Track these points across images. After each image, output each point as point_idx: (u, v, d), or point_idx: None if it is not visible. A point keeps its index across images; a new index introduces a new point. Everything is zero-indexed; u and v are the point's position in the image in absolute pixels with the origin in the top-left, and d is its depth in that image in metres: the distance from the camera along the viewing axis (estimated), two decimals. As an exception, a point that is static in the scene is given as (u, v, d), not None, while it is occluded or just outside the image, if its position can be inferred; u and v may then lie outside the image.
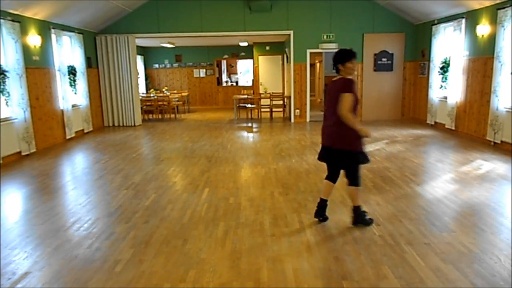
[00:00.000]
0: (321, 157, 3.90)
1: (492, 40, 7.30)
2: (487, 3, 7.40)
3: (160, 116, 12.99)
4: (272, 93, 12.11)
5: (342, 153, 3.64)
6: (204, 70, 16.67)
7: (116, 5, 9.75)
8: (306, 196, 4.75)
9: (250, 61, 16.92)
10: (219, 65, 17.87)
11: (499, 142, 7.11)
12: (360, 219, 3.81)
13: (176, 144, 8.39)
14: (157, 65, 16.57)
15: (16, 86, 7.06)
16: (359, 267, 3.05)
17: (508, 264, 3.02)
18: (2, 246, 3.56)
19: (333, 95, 3.61)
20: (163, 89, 14.09)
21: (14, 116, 7.09)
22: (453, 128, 8.80)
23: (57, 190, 5.35)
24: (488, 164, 6.00)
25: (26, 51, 7.47)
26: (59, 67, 8.77)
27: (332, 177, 3.87)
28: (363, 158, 3.70)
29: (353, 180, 3.72)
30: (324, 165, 3.97)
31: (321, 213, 3.94)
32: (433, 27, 9.46)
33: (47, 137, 8.24)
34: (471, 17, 8.06)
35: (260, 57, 15.25)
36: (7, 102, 6.99)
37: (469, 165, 6.02)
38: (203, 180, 5.55)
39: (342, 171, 3.83)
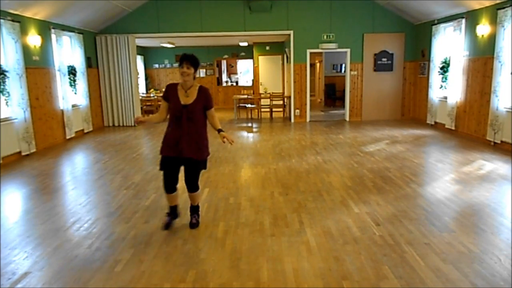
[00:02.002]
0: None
1: (492, 40, 7.30)
2: (487, 3, 7.40)
3: (160, 116, 12.96)
4: (272, 93, 12.11)
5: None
6: (204, 70, 16.67)
7: (116, 5, 9.75)
8: (306, 196, 4.75)
9: (250, 61, 16.91)
10: (219, 65, 17.86)
11: (499, 142, 7.11)
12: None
13: (176, 144, 8.38)
14: (157, 65, 16.57)
15: (16, 86, 7.06)
16: (359, 267, 3.05)
17: (508, 264, 3.02)
18: (2, 246, 3.56)
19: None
20: (163, 89, 14.06)
21: (14, 116, 7.09)
22: (453, 128, 8.80)
23: (57, 190, 5.35)
24: (488, 164, 6.00)
25: (26, 51, 7.47)
26: (59, 67, 8.77)
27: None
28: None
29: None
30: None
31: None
32: (433, 27, 9.46)
33: (47, 137, 8.24)
34: (471, 17, 8.06)
35: (260, 57, 15.26)
36: (7, 102, 6.99)
37: (469, 165, 6.02)
38: (203, 180, 5.54)
39: None
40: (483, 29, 7.59)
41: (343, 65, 14.16)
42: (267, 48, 15.11)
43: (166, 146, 3.70)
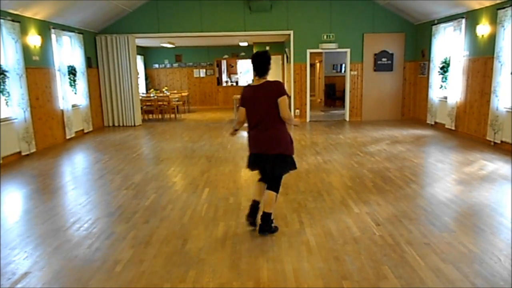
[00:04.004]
0: (253, 164, 3.71)
1: (492, 40, 7.30)
2: (487, 3, 7.40)
3: (160, 116, 12.99)
4: (272, 93, 12.08)
5: (284, 157, 3.58)
6: (204, 70, 16.67)
7: (116, 5, 9.75)
8: (306, 196, 4.75)
9: (250, 61, 16.89)
10: (219, 65, 17.87)
11: (499, 142, 7.11)
12: (269, 227, 3.66)
13: (176, 144, 8.39)
14: (157, 65, 16.57)
15: (16, 86, 7.06)
16: (359, 267, 3.04)
17: (508, 264, 3.02)
18: (2, 246, 3.56)
19: (266, 101, 3.44)
20: (163, 89, 14.09)
21: (14, 116, 7.09)
22: (453, 128, 8.80)
23: (57, 190, 5.35)
24: (488, 164, 6.00)
25: (26, 51, 7.47)
26: (59, 67, 8.77)
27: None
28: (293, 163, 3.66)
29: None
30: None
31: (253, 216, 3.72)
32: (433, 27, 9.46)
33: (47, 137, 8.24)
34: (471, 17, 8.06)
35: (260, 57, 15.22)
36: (7, 102, 6.99)
37: (469, 165, 6.02)
38: (203, 180, 5.54)
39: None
40: (483, 29, 7.59)
41: (343, 65, 14.16)
42: (267, 48, 15.09)
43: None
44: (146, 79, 16.26)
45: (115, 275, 3.01)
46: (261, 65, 3.47)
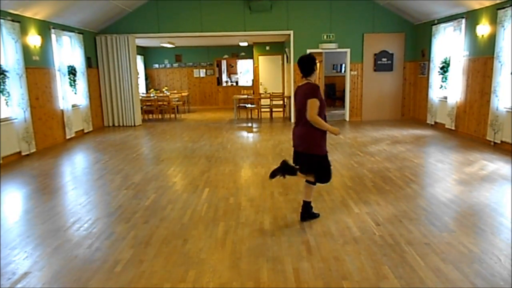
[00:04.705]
0: (294, 160, 3.95)
1: (492, 40, 7.30)
2: (487, 3, 7.40)
3: (160, 116, 12.99)
4: (272, 93, 12.11)
5: (308, 156, 3.79)
6: (204, 70, 16.67)
7: (116, 5, 9.75)
8: (306, 196, 4.75)
9: (250, 61, 16.91)
10: (219, 65, 17.86)
11: (499, 142, 7.11)
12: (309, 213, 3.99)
13: (176, 144, 8.39)
14: (157, 65, 16.56)
15: (16, 86, 7.06)
16: (359, 267, 3.05)
17: (508, 264, 3.02)
18: (2, 246, 3.56)
19: (300, 100, 3.75)
20: (163, 89, 14.09)
21: (14, 116, 7.09)
22: (453, 128, 8.80)
23: (57, 190, 5.35)
24: (488, 164, 6.00)
25: (26, 51, 7.47)
26: (59, 67, 8.77)
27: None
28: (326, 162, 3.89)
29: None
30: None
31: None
32: (433, 27, 9.46)
33: (47, 137, 8.24)
34: (471, 17, 8.06)
35: (260, 57, 15.25)
36: (7, 102, 6.99)
37: (469, 165, 6.02)
38: (203, 180, 5.55)
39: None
40: (483, 29, 7.59)
41: (343, 65, 14.16)
42: (267, 48, 15.11)
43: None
44: (146, 79, 16.26)
45: (115, 275, 3.01)
46: (304, 66, 3.75)
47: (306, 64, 3.73)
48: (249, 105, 12.41)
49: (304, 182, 3.96)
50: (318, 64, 16.59)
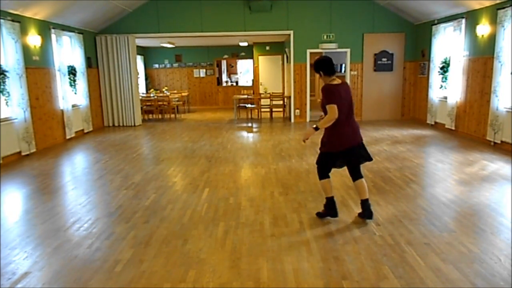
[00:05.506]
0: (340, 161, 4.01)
1: (492, 40, 7.30)
2: (487, 3, 7.40)
3: (160, 116, 12.99)
4: (272, 93, 12.10)
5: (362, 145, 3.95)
6: (204, 70, 16.67)
7: (116, 5, 9.75)
8: (306, 196, 4.75)
9: (250, 61, 16.91)
10: (219, 65, 17.86)
11: (499, 142, 7.11)
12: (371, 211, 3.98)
13: (176, 144, 8.39)
14: (157, 65, 16.57)
15: (16, 86, 7.06)
16: (359, 267, 3.04)
17: (508, 264, 3.02)
18: (2, 246, 3.56)
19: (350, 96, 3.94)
20: (163, 89, 14.08)
21: (14, 116, 7.09)
22: (453, 128, 8.80)
23: (57, 190, 5.35)
24: (488, 164, 6.00)
25: (26, 51, 7.47)
26: (59, 67, 8.77)
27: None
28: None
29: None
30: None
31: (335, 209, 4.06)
32: (433, 27, 9.46)
33: (47, 137, 8.24)
34: (471, 17, 8.06)
35: (260, 57, 15.25)
36: (7, 102, 6.99)
37: (469, 165, 6.02)
38: (203, 180, 5.55)
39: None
40: (483, 29, 7.59)
41: (343, 65, 14.14)
42: (267, 48, 15.11)
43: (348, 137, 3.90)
44: (146, 79, 16.26)
45: (115, 275, 3.01)
46: (330, 65, 3.85)
47: (329, 63, 3.86)
48: (249, 105, 12.41)
49: (359, 181, 3.93)
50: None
